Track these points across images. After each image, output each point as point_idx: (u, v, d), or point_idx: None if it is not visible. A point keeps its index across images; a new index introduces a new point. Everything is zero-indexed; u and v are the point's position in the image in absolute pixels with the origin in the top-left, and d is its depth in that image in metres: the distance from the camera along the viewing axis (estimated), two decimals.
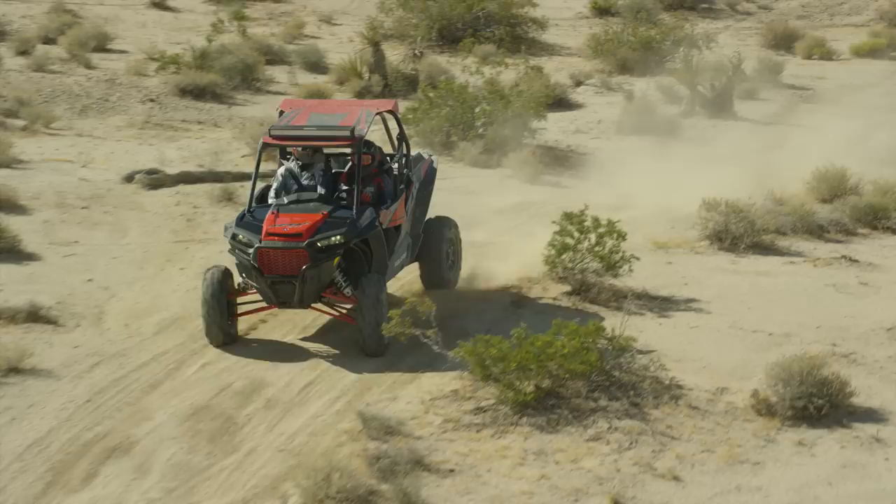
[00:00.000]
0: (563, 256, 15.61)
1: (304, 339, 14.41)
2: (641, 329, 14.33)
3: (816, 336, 14.58)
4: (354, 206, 13.62)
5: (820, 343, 14.29)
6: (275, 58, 31.40)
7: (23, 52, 29.47)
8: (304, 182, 14.07)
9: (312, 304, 13.75)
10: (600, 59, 33.01)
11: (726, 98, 27.60)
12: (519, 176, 21.49)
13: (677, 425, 12.62)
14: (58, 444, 12.19)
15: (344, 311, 13.91)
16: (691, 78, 28.24)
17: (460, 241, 15.56)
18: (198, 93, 27.30)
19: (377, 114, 14.99)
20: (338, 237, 13.34)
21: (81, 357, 13.90)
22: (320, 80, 29.70)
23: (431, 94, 23.91)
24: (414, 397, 13.16)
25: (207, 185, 19.36)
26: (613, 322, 13.80)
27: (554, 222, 15.68)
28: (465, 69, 26.16)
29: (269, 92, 28.73)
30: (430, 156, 16.06)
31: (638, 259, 15.53)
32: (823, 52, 33.97)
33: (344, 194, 14.07)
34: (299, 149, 14.18)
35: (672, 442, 12.36)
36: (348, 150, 14.43)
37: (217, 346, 13.73)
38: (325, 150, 14.42)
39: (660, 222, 18.50)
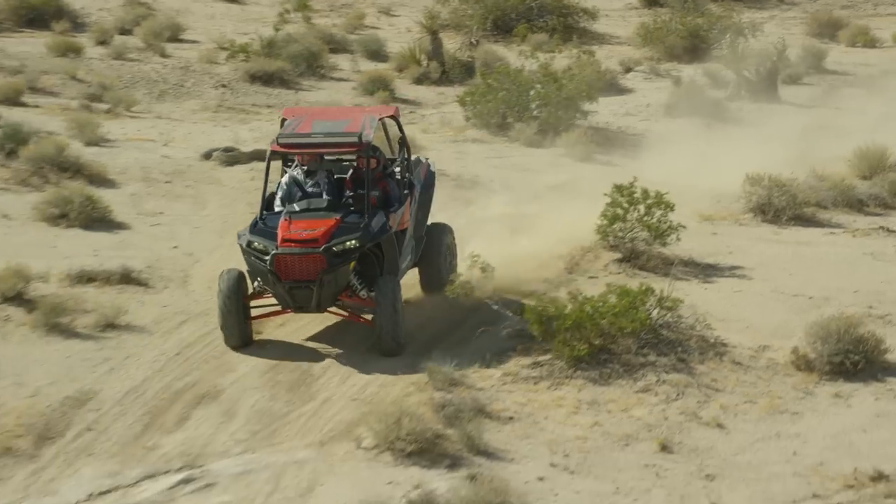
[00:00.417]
0: (614, 226, 16.22)
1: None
2: (688, 293, 14.90)
3: (854, 299, 15.12)
4: (366, 211, 13.43)
5: (857, 306, 14.84)
6: (337, 46, 32.15)
7: (102, 42, 30.41)
8: (309, 189, 13.83)
9: (328, 310, 13.57)
10: (649, 48, 33.45)
11: (771, 82, 27.98)
12: (571, 155, 22.07)
13: (721, 379, 13.25)
14: (152, 391, 13.03)
15: (358, 314, 13.79)
16: (737, 63, 28.67)
17: (456, 246, 15.19)
18: (266, 79, 28.12)
19: (380, 119, 14.66)
20: (353, 241, 13.16)
21: (170, 315, 14.73)
22: (381, 67, 30.38)
23: (489, 79, 24.49)
24: (475, 353, 13.84)
25: (278, 162, 20.06)
26: (661, 286, 14.40)
27: (605, 194, 16.27)
28: (520, 53, 26.67)
29: (332, 78, 29.53)
30: (427, 160, 15.64)
31: (684, 228, 16.11)
32: (867, 40, 34.15)
33: (349, 199, 13.88)
34: (304, 156, 14.00)
35: (716, 394, 12.99)
36: (353, 156, 14.22)
37: (234, 349, 13.57)
38: (331, 157, 14.28)
39: (706, 197, 19.02)
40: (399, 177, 14.47)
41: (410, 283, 14.93)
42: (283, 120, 14.62)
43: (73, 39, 29.63)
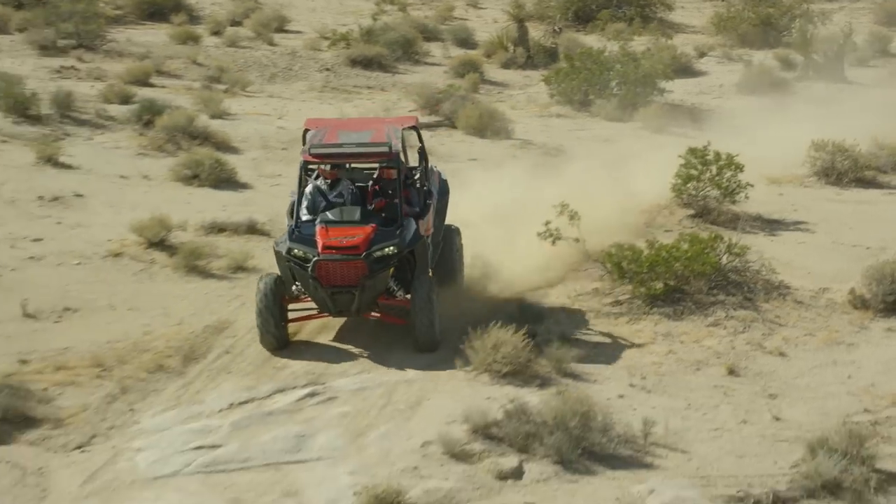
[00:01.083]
0: (688, 185, 17.12)
1: None
2: (755, 244, 15.77)
3: None
4: (399, 218, 13.22)
5: None
6: (430, 35, 33.35)
7: (216, 33, 31.96)
8: (332, 199, 13.54)
9: (366, 314, 13.44)
10: (722, 35, 34.11)
11: (838, 64, 28.57)
12: (648, 128, 22.98)
13: (784, 315, 14.14)
14: None
15: (396, 315, 13.56)
16: (806, 48, 29.27)
17: (462, 246, 14.89)
18: (366, 63, 29.38)
19: (403, 130, 14.24)
20: (391, 248, 12.97)
21: None
22: (470, 53, 31.47)
23: (573, 60, 25.44)
24: (562, 294, 14.88)
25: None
26: (730, 237, 15.28)
27: (680, 156, 17.16)
28: (602, 34, 27.51)
29: (426, 63, 30.70)
30: (434, 167, 15.16)
31: (752, 186, 16.96)
32: None
33: (373, 208, 13.58)
34: (327, 167, 13.73)
35: (779, 328, 13.88)
36: (375, 165, 14.00)
37: (271, 351, 13.28)
38: (359, 166, 14.11)
39: (774, 163, 19.80)
40: (419, 185, 14.14)
41: None
42: (306, 130, 14.12)
43: (192, 29, 31.22)
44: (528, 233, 15.22)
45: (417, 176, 14.20)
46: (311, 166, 13.67)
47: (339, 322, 13.97)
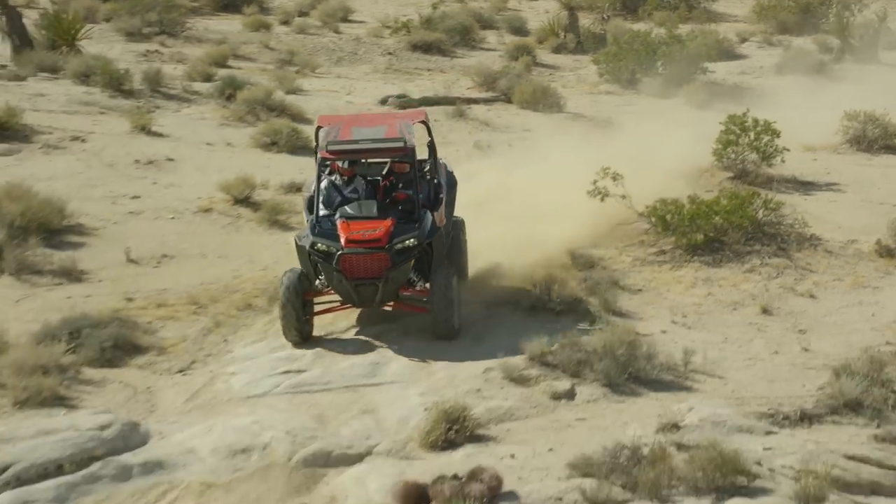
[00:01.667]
0: (728, 150, 17.85)
1: None
2: (789, 202, 16.51)
3: None
4: (417, 211, 13.09)
5: None
6: (485, 24, 34.21)
7: (285, 22, 33.06)
8: (347, 194, 13.35)
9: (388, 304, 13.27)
10: (763, 23, 34.63)
11: (872, 48, 29.06)
12: (691, 104, 23.67)
13: (815, 263, 14.89)
14: None
15: (417, 304, 13.34)
16: (842, 31, 29.77)
17: (466, 241, 14.63)
18: (426, 48, 30.31)
19: (413, 124, 14.06)
20: (412, 240, 12.83)
21: None
22: (524, 39, 32.27)
23: (621, 42, 26.23)
24: (610, 245, 15.71)
25: (442, 106, 22.26)
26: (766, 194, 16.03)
27: (721, 123, 17.89)
28: (649, 21, 28.21)
29: (482, 48, 31.55)
30: (442, 160, 14.82)
31: (788, 150, 17.67)
32: None
33: (388, 201, 13.41)
34: (342, 164, 13.49)
35: (810, 273, 14.64)
36: (386, 160, 13.73)
37: (294, 344, 13.04)
38: (375, 161, 13.83)
39: (809, 134, 20.44)
40: (429, 178, 13.99)
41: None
42: (319, 128, 13.82)
43: (263, 18, 32.34)
44: (580, 193, 16.05)
45: (427, 168, 14.04)
46: (326, 162, 13.53)
47: None
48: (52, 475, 10.80)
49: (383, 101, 22.54)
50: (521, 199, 16.24)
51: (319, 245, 12.79)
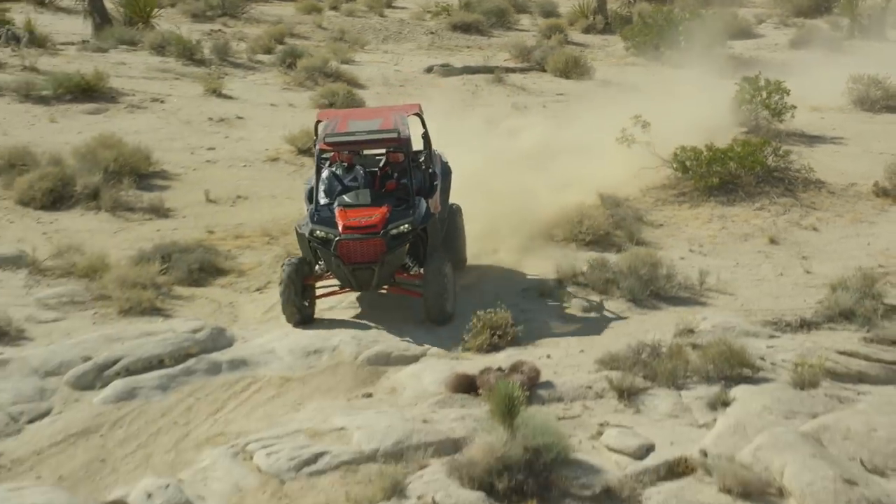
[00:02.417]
0: (742, 107, 18.86)
1: None
2: (797, 152, 17.51)
3: None
4: (412, 198, 13.09)
5: None
6: (519, 8, 35.28)
7: (334, 7, 34.30)
8: (347, 183, 13.37)
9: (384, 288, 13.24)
10: (780, 7, 35.45)
11: (880, 26, 29.88)
12: (710, 73, 24.60)
13: (818, 202, 15.92)
14: None
15: (411, 288, 13.31)
16: (852, 10, 30.59)
17: (463, 227, 14.50)
18: (465, 28, 31.46)
19: (408, 116, 14.05)
20: (406, 225, 12.82)
21: None
22: (556, 20, 33.31)
23: (646, 18, 27.23)
24: (635, 188, 16.78)
25: (482, 74, 23.39)
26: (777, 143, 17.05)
27: (736, 84, 18.89)
28: (672, 2, 29.18)
29: (517, 29, 32.65)
30: (440, 154, 14.66)
31: (795, 108, 18.63)
32: None
33: (385, 190, 13.40)
34: (344, 154, 13.47)
35: (813, 210, 15.68)
36: (383, 151, 13.79)
37: (294, 326, 12.96)
38: (370, 152, 13.89)
39: (817, 97, 21.40)
40: (424, 167, 14.01)
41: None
42: (318, 122, 13.98)
43: (314, 3, 33.57)
44: (610, 143, 17.13)
45: (422, 159, 14.05)
46: (324, 154, 13.61)
47: None
48: (154, 368, 12.04)
49: (428, 70, 23.71)
50: (559, 149, 17.33)
51: (318, 232, 12.82)
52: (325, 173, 13.41)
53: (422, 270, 13.11)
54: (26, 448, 10.76)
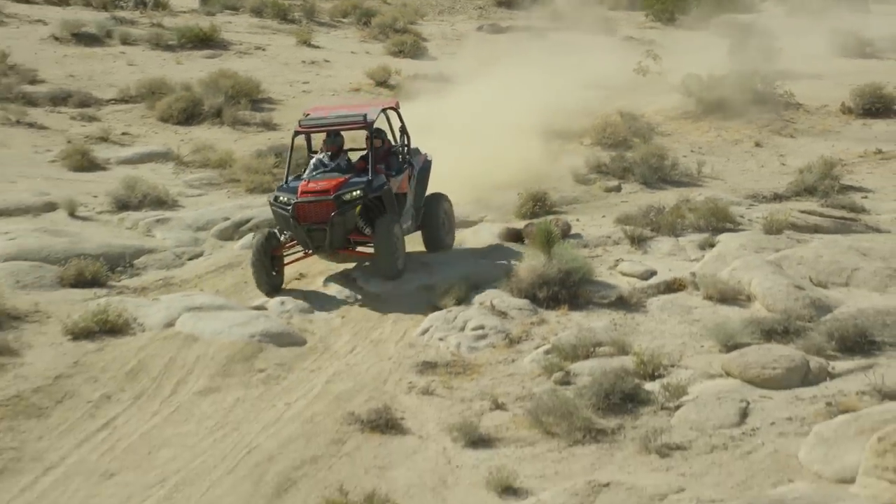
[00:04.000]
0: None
1: None
2: (782, 83, 19.78)
3: (888, 82, 19.72)
4: (370, 172, 13.25)
5: (889, 86, 19.40)
6: None
7: None
8: (331, 167, 13.50)
9: (340, 249, 13.23)
10: None
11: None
12: (718, 34, 26.86)
13: (796, 118, 18.31)
14: None
15: (365, 251, 13.38)
16: None
17: (452, 212, 14.46)
18: (509, 4, 33.78)
19: (382, 110, 14.22)
20: (356, 192, 13.01)
21: None
22: None
23: None
24: (651, 111, 19.14)
25: (526, 32, 25.88)
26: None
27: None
28: None
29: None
30: (424, 152, 14.66)
31: (781, 48, 20.95)
32: None
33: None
34: (327, 141, 13.53)
35: (791, 124, 18.09)
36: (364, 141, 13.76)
37: (266, 295, 12.99)
38: (343, 132, 13.67)
39: (805, 51, 23.49)
40: (400, 157, 14.08)
41: None
42: (306, 114, 14.11)
43: None
44: (626, 76, 19.59)
45: (396, 147, 14.12)
46: (300, 135, 13.70)
47: None
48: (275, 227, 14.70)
49: (479, 28, 26.28)
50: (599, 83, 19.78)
51: (281, 198, 13.16)
52: (313, 160, 13.70)
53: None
54: (190, 274, 13.43)
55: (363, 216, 13.13)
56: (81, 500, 9.06)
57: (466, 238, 14.37)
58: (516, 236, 14.18)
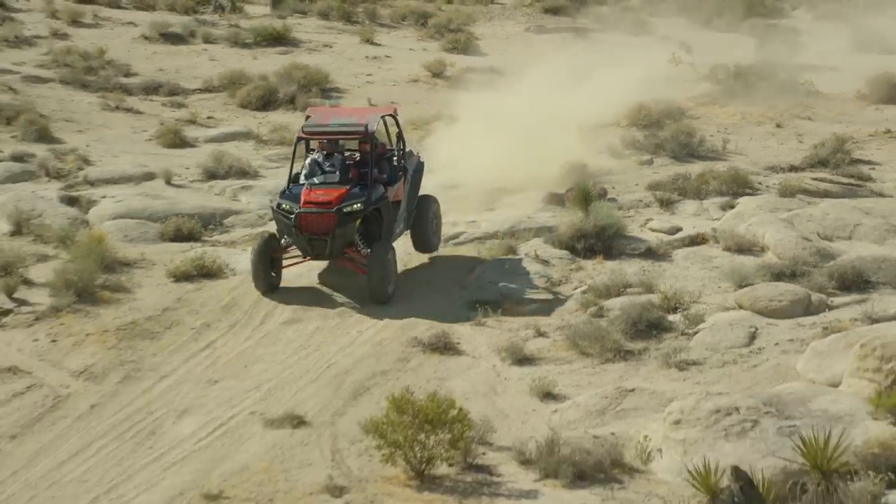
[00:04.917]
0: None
1: None
2: (803, 77, 20.86)
3: None
4: (370, 184, 13.21)
5: None
6: None
7: (448, 1, 38.32)
8: (326, 169, 13.44)
9: (337, 258, 13.19)
10: None
11: None
12: (749, 35, 27.95)
13: (814, 104, 19.56)
14: None
15: (359, 265, 13.11)
16: None
17: (440, 215, 14.40)
18: (554, 10, 34.81)
19: (382, 118, 14.13)
20: (357, 205, 12.95)
21: None
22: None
23: None
24: (677, 95, 20.27)
25: (569, 33, 27.18)
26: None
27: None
28: None
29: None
30: (417, 153, 14.78)
31: (804, 44, 22.03)
32: None
33: (354, 177, 13.42)
34: (324, 143, 13.49)
35: (810, 108, 19.25)
36: (359, 143, 13.76)
37: (263, 294, 12.97)
38: (344, 141, 13.83)
39: (823, 48, 24.59)
40: (395, 162, 14.06)
41: None
42: (307, 117, 14.12)
43: None
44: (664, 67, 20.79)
45: (391, 153, 14.12)
46: (302, 140, 13.64)
47: None
48: None
49: (527, 29, 27.68)
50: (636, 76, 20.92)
51: (283, 205, 13.10)
52: (308, 160, 13.62)
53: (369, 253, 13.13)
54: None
55: (360, 226, 13.11)
56: (193, 399, 10.52)
57: (515, 202, 15.64)
58: (558, 200, 15.47)
